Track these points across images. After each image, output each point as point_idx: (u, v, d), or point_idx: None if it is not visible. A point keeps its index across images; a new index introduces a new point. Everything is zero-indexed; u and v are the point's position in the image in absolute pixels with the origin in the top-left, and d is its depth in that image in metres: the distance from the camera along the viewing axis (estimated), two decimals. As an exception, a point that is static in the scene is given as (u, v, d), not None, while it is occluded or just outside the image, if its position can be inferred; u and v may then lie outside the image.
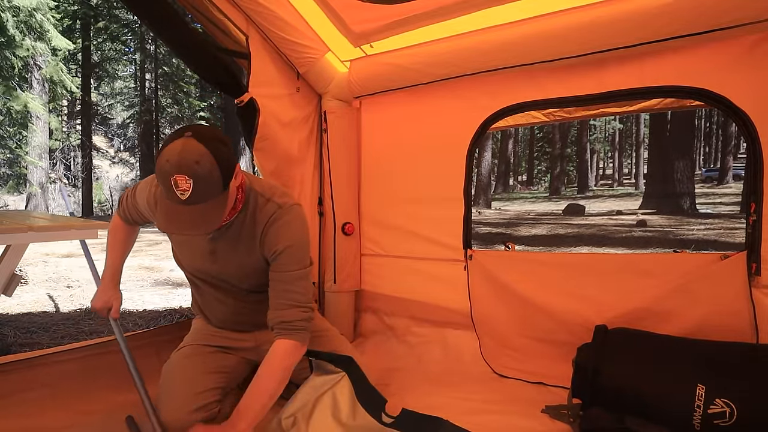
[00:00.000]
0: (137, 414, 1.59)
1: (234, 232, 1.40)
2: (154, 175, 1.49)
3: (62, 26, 13.23)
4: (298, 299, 1.36)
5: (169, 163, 1.13)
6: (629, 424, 1.41)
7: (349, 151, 2.49)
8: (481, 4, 1.87)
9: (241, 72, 2.11)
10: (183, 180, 1.12)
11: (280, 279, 1.37)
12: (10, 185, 14.48)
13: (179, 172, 1.11)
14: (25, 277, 4.38)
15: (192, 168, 1.12)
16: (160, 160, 1.15)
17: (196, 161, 1.12)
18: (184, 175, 1.12)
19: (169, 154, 1.14)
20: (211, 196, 1.17)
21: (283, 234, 1.37)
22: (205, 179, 1.14)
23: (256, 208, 1.39)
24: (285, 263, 1.37)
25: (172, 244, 1.58)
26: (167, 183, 1.13)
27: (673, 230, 8.65)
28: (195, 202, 1.15)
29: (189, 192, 1.13)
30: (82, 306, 3.54)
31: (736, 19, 1.52)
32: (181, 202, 1.14)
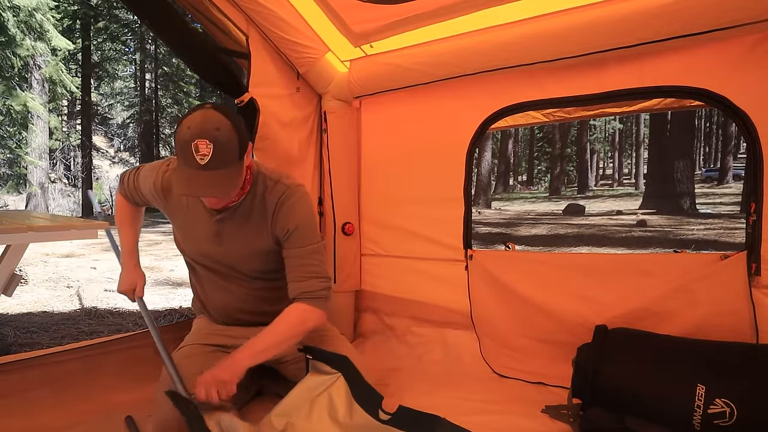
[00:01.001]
0: (137, 414, 1.59)
1: (242, 213, 1.44)
2: (159, 162, 1.54)
3: (62, 26, 13.24)
4: (316, 271, 1.44)
5: (191, 130, 1.20)
6: (629, 424, 1.41)
7: (349, 151, 2.49)
8: (481, 4, 1.87)
9: (241, 72, 2.11)
10: (204, 144, 1.19)
11: (297, 255, 1.44)
12: (10, 185, 14.48)
13: (201, 136, 1.19)
14: (25, 277, 4.38)
15: (213, 134, 1.20)
16: (180, 129, 1.22)
17: (217, 128, 1.21)
18: (206, 140, 1.19)
19: (190, 122, 1.21)
20: (229, 164, 1.24)
21: (295, 212, 1.43)
22: (224, 146, 1.21)
23: (265, 189, 1.45)
24: (299, 239, 1.44)
25: (176, 228, 1.58)
26: (187, 149, 1.20)
27: (673, 230, 8.66)
28: (214, 167, 1.21)
29: (209, 156, 1.19)
30: (82, 306, 3.54)
31: (737, 19, 1.52)
32: (200, 166, 1.20)
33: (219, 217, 1.45)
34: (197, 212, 1.48)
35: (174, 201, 1.51)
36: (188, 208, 1.49)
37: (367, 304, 2.58)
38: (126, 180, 1.66)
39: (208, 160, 1.20)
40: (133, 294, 1.64)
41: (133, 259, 1.69)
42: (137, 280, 1.66)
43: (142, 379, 1.76)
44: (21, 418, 1.55)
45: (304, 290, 1.42)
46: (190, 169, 1.21)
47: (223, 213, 1.44)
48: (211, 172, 1.21)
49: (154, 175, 1.52)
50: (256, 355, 1.35)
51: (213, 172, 1.21)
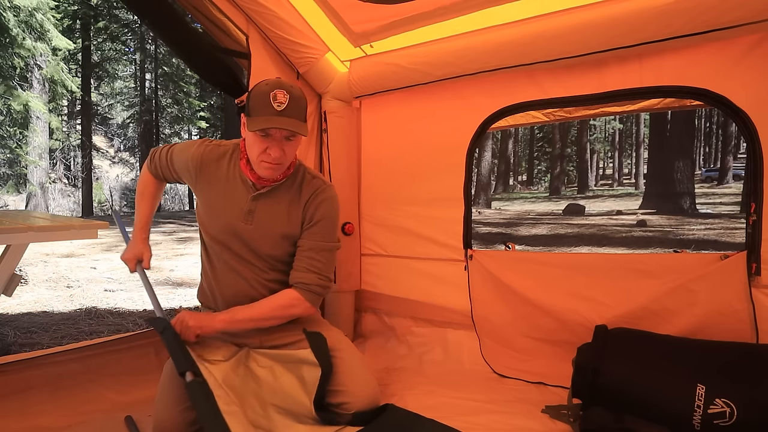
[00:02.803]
0: (137, 414, 1.59)
1: (279, 195, 1.51)
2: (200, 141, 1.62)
3: (62, 26, 13.23)
4: (319, 267, 1.51)
5: (269, 84, 1.35)
6: (629, 424, 1.41)
7: (349, 151, 2.49)
8: (481, 4, 1.87)
9: (241, 72, 2.11)
10: (282, 93, 1.33)
11: (309, 247, 1.51)
12: (10, 185, 14.49)
13: (279, 87, 1.34)
14: (25, 277, 4.38)
15: (289, 88, 1.36)
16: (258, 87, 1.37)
17: (291, 85, 1.38)
18: (283, 90, 1.34)
19: (267, 80, 1.38)
20: (300, 117, 1.37)
21: (326, 206, 1.53)
22: (298, 99, 1.36)
23: (304, 180, 1.55)
24: (318, 233, 1.52)
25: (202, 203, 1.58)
26: (265, 98, 1.32)
27: (673, 230, 8.66)
28: (288, 114, 1.33)
29: (285, 104, 1.33)
30: (82, 306, 3.55)
31: (736, 19, 1.52)
32: (276, 112, 1.32)
33: (257, 193, 1.50)
34: (234, 187, 1.52)
35: (210, 173, 1.54)
36: (227, 182, 1.53)
37: (367, 304, 2.58)
38: (158, 155, 1.69)
39: (284, 107, 1.32)
40: (135, 264, 1.66)
41: (144, 233, 1.72)
42: (144, 252, 1.68)
43: (142, 379, 1.77)
44: (20, 418, 1.55)
45: (301, 280, 1.49)
46: (265, 117, 1.32)
47: (262, 190, 1.50)
48: (286, 118, 1.33)
49: (192, 149, 1.57)
50: (233, 322, 1.47)
51: (288, 119, 1.33)
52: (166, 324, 1.42)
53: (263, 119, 1.33)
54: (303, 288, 1.49)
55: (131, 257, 1.66)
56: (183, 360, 1.35)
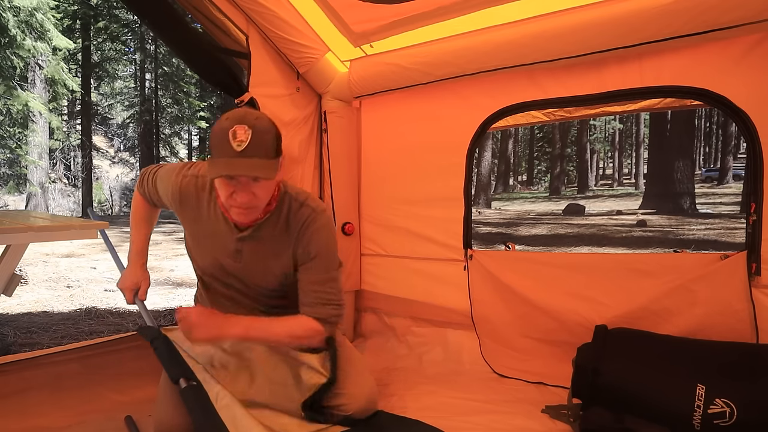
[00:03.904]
0: (137, 414, 1.59)
1: (265, 232, 1.39)
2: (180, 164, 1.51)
3: (62, 26, 13.22)
4: (330, 298, 1.40)
5: (229, 119, 1.19)
6: (629, 424, 1.41)
7: (349, 151, 2.49)
8: (481, 4, 1.87)
9: (241, 72, 2.11)
10: (242, 130, 1.16)
11: (313, 281, 1.40)
12: (10, 185, 14.48)
13: (239, 122, 1.17)
14: (25, 277, 4.38)
15: (252, 121, 1.19)
16: (218, 122, 1.21)
17: (256, 117, 1.22)
18: (244, 125, 1.17)
19: (229, 114, 1.21)
20: (266, 155, 1.21)
21: (318, 238, 1.39)
22: (262, 134, 1.19)
23: (290, 211, 1.40)
24: (319, 266, 1.40)
25: (189, 236, 1.51)
26: (224, 136, 1.17)
27: (673, 230, 8.66)
28: (251, 154, 1.17)
29: (247, 143, 1.16)
30: (82, 306, 3.55)
31: (736, 19, 1.52)
32: (237, 154, 1.16)
33: (241, 235, 1.39)
34: (218, 226, 1.40)
35: (192, 208, 1.44)
36: (209, 219, 1.42)
37: (367, 304, 2.58)
38: (145, 179, 1.59)
39: (245, 146, 1.16)
40: (133, 294, 1.58)
41: (142, 259, 1.64)
42: (141, 281, 1.60)
43: (142, 379, 1.77)
44: (20, 418, 1.55)
45: (317, 316, 1.38)
46: (225, 158, 1.17)
47: (246, 231, 1.38)
48: (249, 159, 1.17)
49: (172, 177, 1.45)
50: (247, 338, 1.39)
51: (251, 159, 1.17)
52: (156, 333, 1.41)
53: (222, 163, 1.18)
54: (321, 321, 1.39)
55: (129, 286, 1.58)
56: (175, 367, 1.34)
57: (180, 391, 1.30)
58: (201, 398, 1.29)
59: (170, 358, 1.37)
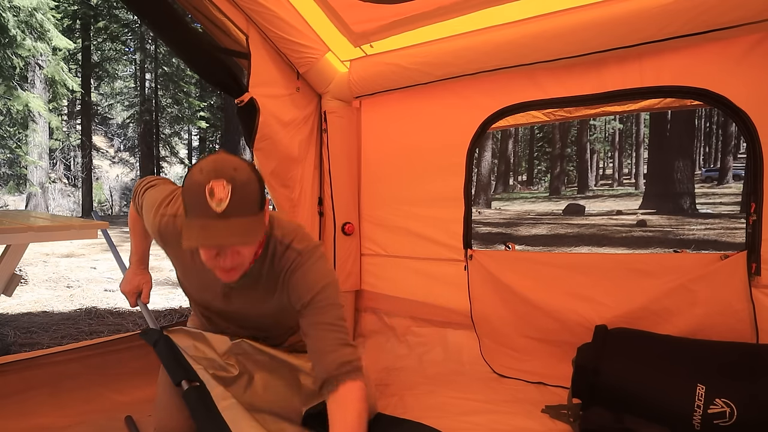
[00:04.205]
0: (137, 414, 1.59)
1: (252, 279, 1.28)
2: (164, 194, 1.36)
3: (62, 26, 13.21)
4: (344, 339, 1.23)
5: (204, 172, 1.01)
6: (629, 424, 1.41)
7: (349, 151, 2.49)
8: (481, 4, 1.87)
9: (241, 72, 2.11)
10: (220, 186, 1.00)
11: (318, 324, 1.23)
12: (10, 185, 14.48)
13: (216, 177, 1.00)
14: (25, 277, 4.38)
15: (230, 174, 1.02)
16: (190, 175, 1.04)
17: (234, 168, 1.03)
18: (222, 180, 1.00)
19: (202, 164, 1.04)
20: (250, 212, 1.05)
21: (307, 281, 1.24)
22: (243, 188, 1.03)
23: (275, 255, 1.27)
24: (318, 309, 1.23)
25: (179, 274, 1.46)
26: (200, 195, 1.00)
27: (673, 230, 8.65)
28: (233, 214, 1.01)
29: (227, 201, 1.00)
30: (82, 306, 3.55)
31: (736, 19, 1.52)
32: (217, 215, 1.00)
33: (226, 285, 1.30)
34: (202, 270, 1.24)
35: (173, 249, 1.34)
36: (193, 263, 1.31)
37: (367, 304, 2.58)
38: (137, 198, 1.50)
39: (226, 206, 1.00)
40: (135, 297, 1.57)
41: (143, 262, 1.60)
42: (143, 283, 1.57)
43: (142, 379, 1.77)
44: (21, 418, 1.55)
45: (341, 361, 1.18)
46: (203, 220, 1.01)
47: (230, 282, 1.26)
48: (231, 220, 1.01)
49: (151, 215, 1.35)
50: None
51: (233, 220, 1.01)
52: (158, 335, 1.40)
53: (200, 228, 1.01)
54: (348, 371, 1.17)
55: (131, 290, 1.56)
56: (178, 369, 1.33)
57: (182, 393, 1.29)
58: (204, 399, 1.29)
59: (172, 360, 1.37)
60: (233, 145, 15.83)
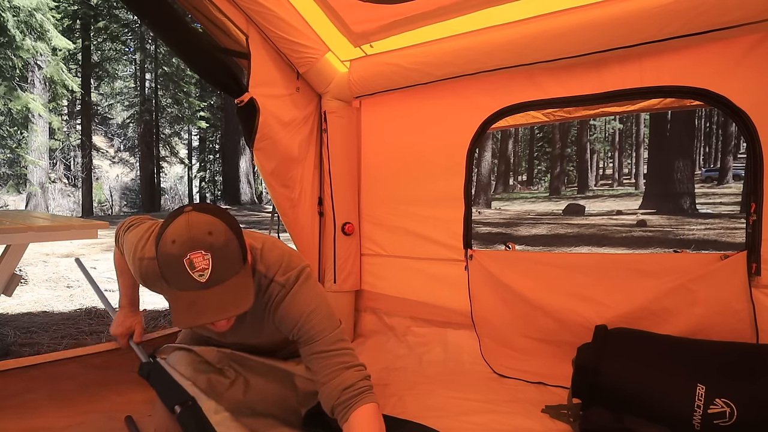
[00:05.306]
0: (137, 414, 1.59)
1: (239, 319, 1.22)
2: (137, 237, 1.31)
3: (62, 26, 13.23)
4: (346, 361, 1.19)
5: (177, 244, 0.96)
6: (629, 424, 1.41)
7: (349, 151, 2.49)
8: (481, 4, 1.87)
9: (241, 72, 2.11)
10: (199, 257, 0.96)
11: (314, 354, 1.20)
12: (10, 185, 14.48)
13: (193, 248, 0.96)
14: (25, 277, 4.38)
15: (206, 240, 0.97)
16: (163, 245, 0.98)
17: (209, 232, 0.98)
18: (200, 251, 0.96)
19: (174, 234, 0.98)
20: (235, 273, 1.02)
21: (292, 313, 1.21)
22: (223, 251, 0.99)
23: (259, 290, 1.22)
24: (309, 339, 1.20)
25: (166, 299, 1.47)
26: (179, 267, 0.96)
27: (673, 230, 8.65)
28: (219, 281, 0.98)
29: (209, 270, 0.96)
30: (82, 306, 3.54)
31: (736, 19, 1.52)
32: (201, 285, 0.97)
33: None
34: None
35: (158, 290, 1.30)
36: None
37: (367, 304, 2.58)
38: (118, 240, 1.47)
39: (209, 275, 0.96)
40: (126, 339, 1.53)
41: (134, 304, 1.58)
42: (135, 324, 1.55)
43: (142, 379, 1.76)
44: (21, 418, 1.55)
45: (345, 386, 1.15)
46: (188, 293, 0.98)
47: None
48: (217, 288, 0.98)
49: (131, 259, 1.31)
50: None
51: (219, 287, 0.98)
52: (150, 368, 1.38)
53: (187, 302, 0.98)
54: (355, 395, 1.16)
55: (123, 332, 1.52)
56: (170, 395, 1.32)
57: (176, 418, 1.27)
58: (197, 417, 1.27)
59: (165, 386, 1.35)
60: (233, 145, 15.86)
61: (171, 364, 1.41)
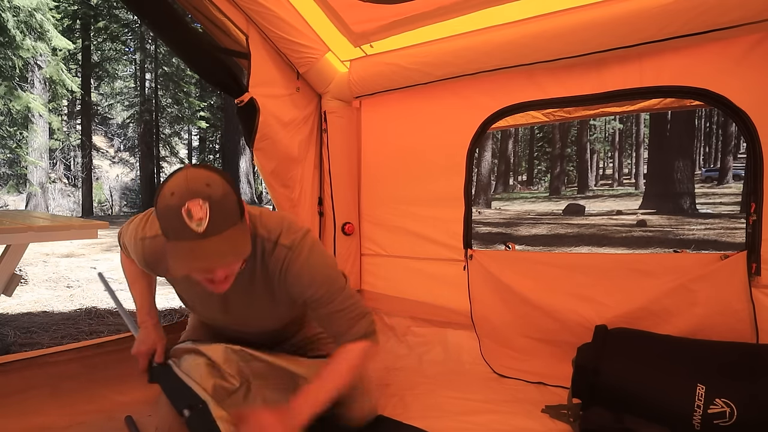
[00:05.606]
0: (137, 414, 1.59)
1: (246, 281, 1.26)
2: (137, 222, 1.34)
3: (62, 26, 13.23)
4: (356, 313, 1.27)
5: (176, 195, 0.98)
6: (629, 424, 1.41)
7: (349, 151, 2.49)
8: (481, 4, 1.87)
9: (241, 72, 2.11)
10: (197, 206, 0.97)
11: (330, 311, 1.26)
12: (10, 185, 14.49)
13: (191, 197, 0.97)
14: (25, 277, 4.38)
15: (204, 191, 0.99)
16: (161, 197, 1.00)
17: (207, 184, 1.00)
18: (198, 199, 0.97)
19: (172, 186, 0.99)
20: (231, 224, 1.03)
21: (307, 276, 1.24)
22: (221, 202, 1.00)
23: (264, 253, 1.24)
24: (324, 296, 1.25)
25: (174, 287, 1.44)
26: (177, 217, 0.97)
27: (673, 230, 8.65)
28: (216, 231, 0.99)
29: (206, 219, 0.97)
30: (82, 306, 3.54)
31: (736, 19, 1.52)
32: (199, 235, 0.97)
33: None
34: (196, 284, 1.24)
35: (163, 271, 1.32)
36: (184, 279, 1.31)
37: (367, 304, 2.53)
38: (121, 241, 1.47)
39: (207, 224, 0.97)
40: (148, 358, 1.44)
41: (152, 318, 1.50)
42: (157, 342, 1.45)
43: (142, 379, 1.77)
44: (21, 418, 1.55)
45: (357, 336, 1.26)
46: (186, 242, 0.99)
47: None
48: (215, 238, 0.99)
49: (133, 245, 1.33)
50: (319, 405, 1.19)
51: (217, 237, 0.99)
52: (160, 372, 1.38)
53: (185, 250, 0.99)
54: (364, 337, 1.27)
55: (145, 351, 1.43)
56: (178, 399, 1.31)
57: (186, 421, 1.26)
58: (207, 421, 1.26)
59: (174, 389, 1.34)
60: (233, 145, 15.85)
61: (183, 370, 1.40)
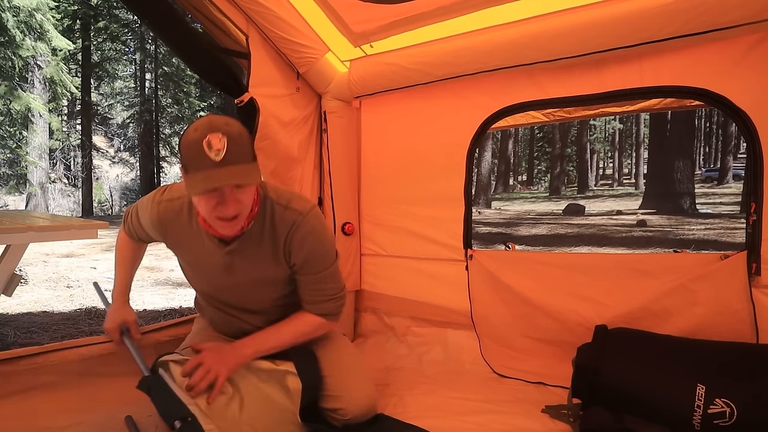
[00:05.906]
0: (137, 414, 1.59)
1: (253, 242, 1.35)
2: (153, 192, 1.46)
3: (62, 26, 13.24)
4: (331, 293, 1.45)
5: (199, 130, 1.13)
6: (629, 424, 1.41)
7: (349, 151, 2.49)
8: (481, 4, 1.87)
9: (241, 72, 2.11)
10: (217, 138, 1.12)
11: (311, 281, 1.43)
12: (10, 185, 14.49)
13: (212, 131, 1.12)
14: (25, 277, 4.38)
15: (224, 128, 1.14)
16: (187, 135, 1.16)
17: (226, 123, 1.16)
18: (218, 133, 1.12)
19: (196, 125, 1.16)
20: (245, 160, 1.17)
21: (310, 242, 1.36)
22: (237, 139, 1.15)
23: (274, 215, 1.35)
24: (314, 267, 1.40)
25: (182, 262, 1.52)
26: (198, 148, 1.12)
27: (673, 230, 8.65)
28: (231, 162, 1.13)
29: (224, 151, 1.11)
30: (82, 306, 3.55)
31: (736, 19, 1.52)
32: (216, 164, 1.11)
33: (229, 248, 1.35)
34: (203, 244, 1.37)
35: (175, 234, 1.41)
36: (193, 240, 1.39)
37: (367, 304, 2.58)
38: (129, 217, 1.57)
39: (224, 155, 1.11)
40: (119, 333, 1.55)
41: (124, 296, 1.63)
42: (126, 318, 1.57)
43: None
44: (21, 418, 1.55)
45: (320, 312, 1.45)
46: (204, 171, 1.12)
47: (233, 243, 1.35)
48: (230, 167, 1.12)
49: (149, 208, 1.43)
50: (260, 352, 1.39)
51: (231, 167, 1.13)
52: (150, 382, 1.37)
53: (202, 176, 1.12)
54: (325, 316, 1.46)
55: (114, 327, 1.55)
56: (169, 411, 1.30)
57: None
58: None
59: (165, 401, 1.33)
60: (233, 145, 15.81)
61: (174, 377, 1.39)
